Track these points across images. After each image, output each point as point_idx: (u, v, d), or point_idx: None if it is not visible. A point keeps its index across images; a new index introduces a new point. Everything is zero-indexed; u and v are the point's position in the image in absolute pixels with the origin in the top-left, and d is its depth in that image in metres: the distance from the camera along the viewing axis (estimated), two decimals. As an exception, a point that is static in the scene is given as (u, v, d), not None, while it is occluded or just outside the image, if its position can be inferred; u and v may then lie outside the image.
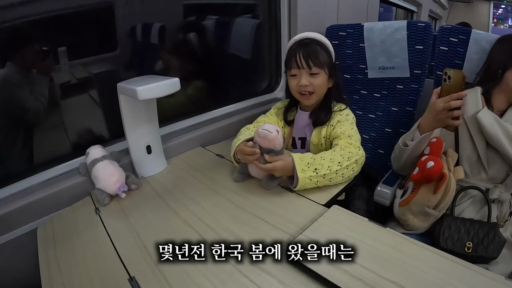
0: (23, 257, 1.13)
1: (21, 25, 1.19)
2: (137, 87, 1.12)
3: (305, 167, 1.11)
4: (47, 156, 1.34)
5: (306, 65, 1.26)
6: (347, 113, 1.32)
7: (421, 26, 1.49)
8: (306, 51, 1.27)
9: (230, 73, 1.97)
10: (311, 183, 1.11)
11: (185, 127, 1.64)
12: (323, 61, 1.27)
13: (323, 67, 1.27)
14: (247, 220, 1.03)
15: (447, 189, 1.11)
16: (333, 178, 1.13)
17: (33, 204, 1.18)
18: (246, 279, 0.81)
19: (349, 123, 1.28)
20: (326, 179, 1.12)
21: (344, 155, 1.15)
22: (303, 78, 1.27)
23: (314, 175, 1.11)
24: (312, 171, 1.11)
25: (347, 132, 1.24)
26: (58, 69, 1.32)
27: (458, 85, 1.02)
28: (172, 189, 1.25)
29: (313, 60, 1.26)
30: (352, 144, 1.20)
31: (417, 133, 1.17)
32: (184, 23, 1.72)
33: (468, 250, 1.07)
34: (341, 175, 1.14)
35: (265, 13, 1.90)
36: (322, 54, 1.28)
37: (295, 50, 1.29)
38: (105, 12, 1.41)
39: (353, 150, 1.17)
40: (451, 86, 1.04)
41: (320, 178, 1.11)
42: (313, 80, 1.27)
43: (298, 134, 1.40)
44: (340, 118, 1.29)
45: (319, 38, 1.33)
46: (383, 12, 3.86)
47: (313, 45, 1.29)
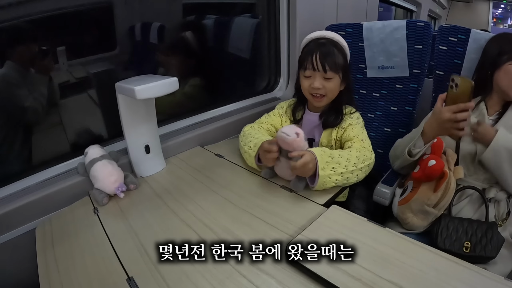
0: (22, 257, 1.13)
1: (19, 24, 1.19)
2: (135, 86, 1.12)
3: (324, 164, 1.10)
4: (46, 156, 1.33)
5: (322, 68, 1.22)
6: (357, 117, 1.31)
7: (420, 26, 1.48)
8: (323, 53, 1.23)
9: (229, 73, 1.97)
10: (330, 181, 1.11)
11: (184, 127, 1.63)
12: (338, 65, 1.24)
13: (338, 71, 1.24)
14: (246, 220, 1.02)
15: (447, 187, 1.11)
16: (349, 178, 1.13)
17: (32, 204, 1.17)
18: (245, 279, 0.81)
19: (360, 126, 1.28)
20: (343, 178, 1.12)
21: (360, 157, 1.16)
22: (317, 80, 1.24)
23: (332, 174, 1.10)
24: (330, 168, 1.10)
25: (360, 136, 1.24)
26: (57, 69, 1.31)
27: (465, 95, 1.00)
28: (171, 189, 1.25)
29: (329, 64, 1.22)
30: (366, 148, 1.21)
31: (420, 140, 1.17)
32: (183, 22, 1.71)
33: (466, 250, 1.07)
34: (355, 176, 1.14)
35: (264, 12, 1.89)
36: (338, 57, 1.24)
37: (311, 51, 1.25)
38: (104, 11, 1.41)
39: (367, 154, 1.19)
40: (458, 95, 1.01)
41: (338, 176, 1.11)
42: (326, 83, 1.24)
43: (306, 135, 1.37)
44: (352, 121, 1.28)
45: (337, 39, 1.28)
46: (383, 11, 3.86)
47: (330, 46, 1.25)
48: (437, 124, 1.09)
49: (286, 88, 1.99)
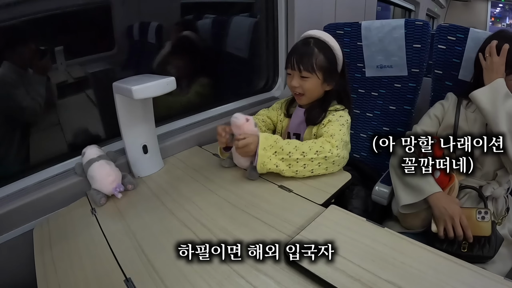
0: (19, 258, 1.12)
1: (17, 24, 1.18)
2: (132, 86, 1.11)
3: (268, 147, 1.16)
4: (43, 156, 1.33)
5: (297, 68, 1.26)
6: (340, 114, 1.28)
7: (419, 25, 1.48)
8: (300, 53, 1.26)
9: (227, 72, 1.96)
10: (270, 163, 1.16)
11: (182, 127, 1.63)
12: (317, 65, 1.25)
13: (314, 71, 1.25)
14: (244, 220, 1.02)
15: (452, 189, 1.12)
16: (292, 165, 1.15)
17: (29, 204, 1.16)
18: (243, 280, 0.81)
19: (339, 123, 1.24)
20: (285, 164, 1.15)
21: (313, 148, 1.15)
22: (294, 79, 1.28)
23: (273, 156, 1.15)
24: (272, 152, 1.16)
25: (331, 131, 1.21)
26: (54, 69, 1.31)
27: (487, 231, 1.07)
28: (169, 189, 1.24)
29: (304, 64, 1.24)
30: (330, 142, 1.17)
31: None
32: (181, 21, 1.71)
33: (463, 249, 1.07)
34: (302, 165, 1.15)
35: (262, 12, 1.89)
36: (319, 58, 1.25)
37: (293, 51, 1.30)
38: (102, 11, 1.40)
39: (327, 146, 1.16)
40: (481, 226, 1.08)
41: (278, 160, 1.15)
42: (303, 83, 1.27)
43: (293, 129, 1.40)
44: (332, 118, 1.26)
45: (324, 38, 1.29)
46: (381, 11, 3.86)
47: (311, 46, 1.27)
48: (444, 208, 1.09)
49: (284, 87, 1.99)
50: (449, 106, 1.26)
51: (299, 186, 1.15)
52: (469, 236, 1.05)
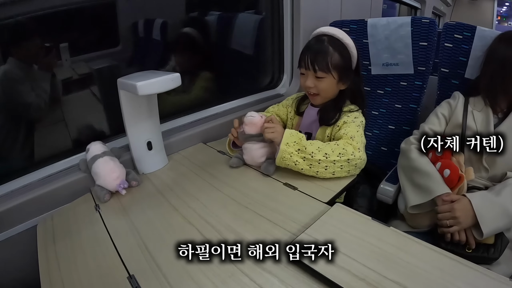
0: (23, 254, 1.12)
1: (23, 20, 1.19)
2: (137, 82, 1.11)
3: (291, 143, 1.15)
4: (47, 152, 1.33)
5: (312, 68, 1.22)
6: (355, 116, 1.26)
7: (425, 23, 1.47)
8: (314, 53, 1.22)
9: (232, 69, 1.96)
10: (290, 160, 1.15)
11: (186, 123, 1.63)
12: (332, 65, 1.22)
13: (329, 71, 1.22)
14: (249, 217, 1.02)
15: (461, 190, 1.10)
16: (313, 166, 1.13)
17: (33, 200, 1.17)
18: (247, 278, 0.80)
19: (355, 125, 1.22)
20: (306, 163, 1.14)
21: (335, 150, 1.13)
22: (308, 79, 1.25)
23: (295, 153, 1.14)
24: (295, 149, 1.14)
25: (350, 133, 1.19)
26: (59, 65, 1.31)
27: None
28: (173, 185, 1.24)
29: (319, 64, 1.21)
30: (351, 144, 1.16)
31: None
32: (186, 18, 1.71)
33: (468, 250, 1.06)
34: (324, 167, 1.13)
35: (268, 9, 1.88)
36: (334, 56, 1.22)
37: (307, 49, 1.26)
38: (107, 7, 1.40)
39: (349, 149, 1.14)
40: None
41: (300, 158, 1.14)
42: (318, 83, 1.24)
43: (304, 128, 1.38)
44: (347, 120, 1.24)
45: (338, 35, 1.25)
46: (387, 8, 3.84)
47: (326, 45, 1.23)
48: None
49: (290, 84, 1.98)
50: (457, 105, 1.25)
51: (304, 184, 1.15)
52: (471, 243, 1.05)
